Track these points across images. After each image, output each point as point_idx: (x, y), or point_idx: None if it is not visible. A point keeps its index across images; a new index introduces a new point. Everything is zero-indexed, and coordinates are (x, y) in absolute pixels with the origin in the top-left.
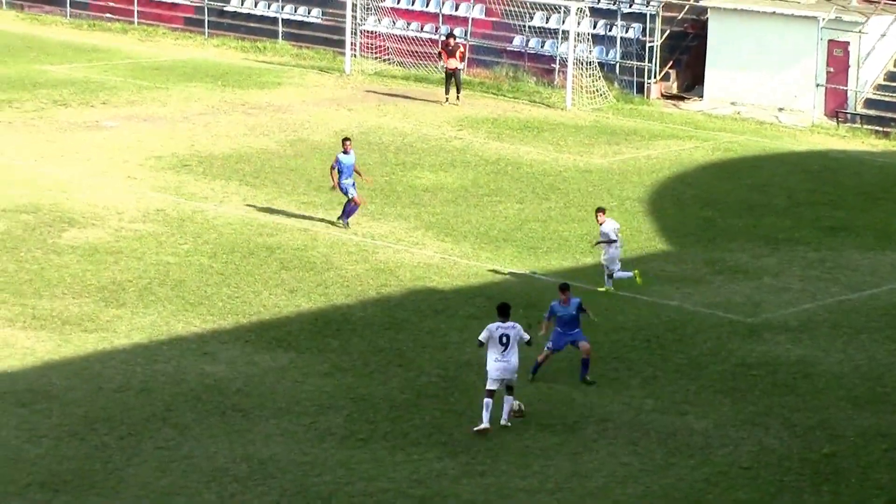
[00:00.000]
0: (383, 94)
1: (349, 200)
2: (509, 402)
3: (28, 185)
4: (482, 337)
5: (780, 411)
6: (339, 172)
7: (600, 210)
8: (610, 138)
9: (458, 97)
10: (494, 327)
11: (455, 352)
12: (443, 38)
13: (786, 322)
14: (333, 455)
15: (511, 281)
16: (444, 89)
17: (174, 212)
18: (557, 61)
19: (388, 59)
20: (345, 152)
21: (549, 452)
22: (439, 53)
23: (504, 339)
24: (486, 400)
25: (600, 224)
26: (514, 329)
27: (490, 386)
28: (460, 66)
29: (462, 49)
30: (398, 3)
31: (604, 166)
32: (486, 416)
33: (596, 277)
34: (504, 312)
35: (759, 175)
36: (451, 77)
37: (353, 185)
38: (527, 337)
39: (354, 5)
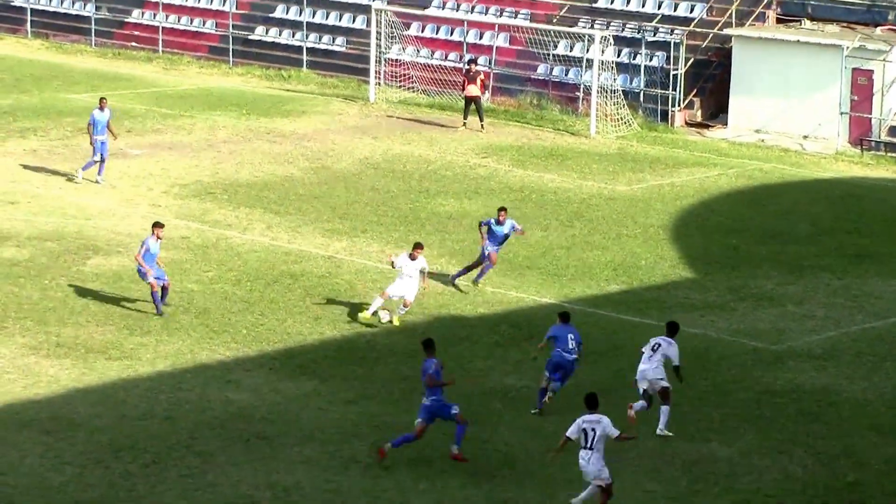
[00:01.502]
0: (408, 121)
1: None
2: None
3: (53, 212)
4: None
5: (805, 439)
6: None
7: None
8: (634, 166)
9: (481, 125)
10: (581, 420)
11: (480, 379)
12: (465, 65)
13: (810, 349)
14: (358, 483)
15: (535, 308)
16: (462, 115)
17: (198, 239)
18: (581, 89)
19: (413, 88)
20: (499, 222)
21: (574, 482)
22: (463, 81)
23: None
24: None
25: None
26: (601, 423)
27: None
28: (481, 94)
29: (483, 77)
30: (422, 31)
31: (628, 194)
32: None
33: (620, 305)
34: (591, 404)
35: (784, 202)
36: (471, 104)
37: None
38: (615, 432)
39: (379, 34)
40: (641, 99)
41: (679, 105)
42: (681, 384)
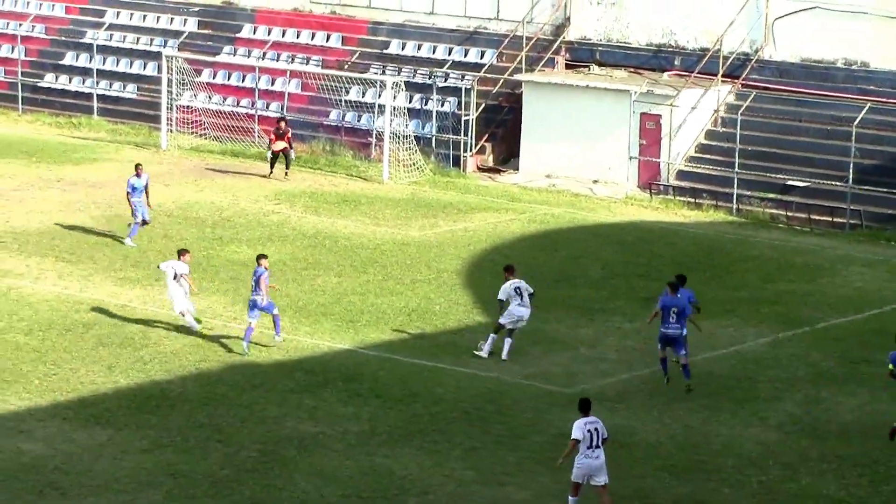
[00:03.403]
0: (200, 168)
1: None
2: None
3: None
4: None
5: None
6: None
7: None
8: (427, 211)
9: (286, 173)
10: (582, 423)
11: (274, 426)
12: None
13: (603, 392)
14: None
15: (329, 354)
16: (269, 167)
17: None
18: (374, 135)
19: (205, 134)
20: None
21: None
22: (271, 138)
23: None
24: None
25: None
26: (600, 424)
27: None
28: (289, 147)
29: (290, 133)
30: (214, 77)
31: (421, 239)
32: None
33: (415, 350)
34: (586, 408)
35: (575, 246)
36: (278, 157)
37: None
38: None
39: (170, 80)
40: (434, 144)
41: (471, 150)
42: None
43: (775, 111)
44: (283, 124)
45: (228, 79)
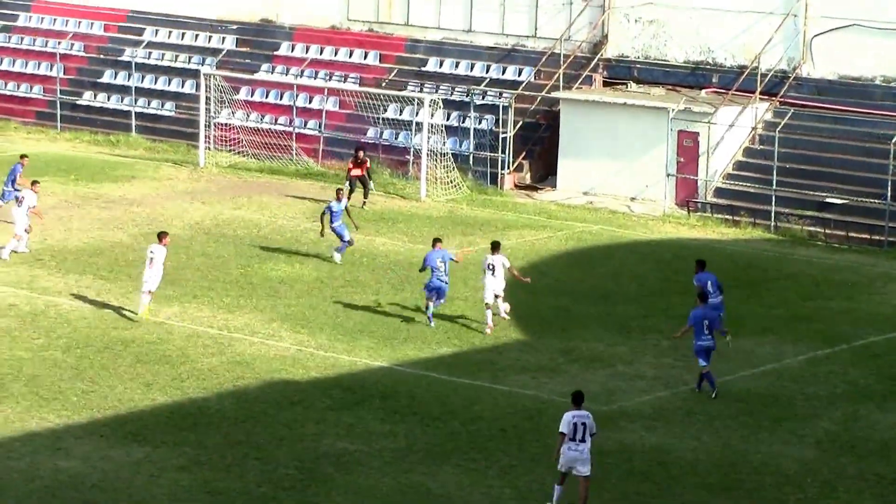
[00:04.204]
0: (238, 186)
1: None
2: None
3: None
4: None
5: (636, 498)
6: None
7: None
8: (464, 229)
9: (363, 202)
10: (570, 416)
11: (312, 443)
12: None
13: (640, 410)
14: None
15: (367, 372)
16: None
17: (27, 306)
18: (412, 153)
19: (243, 152)
20: (338, 200)
21: None
22: (349, 167)
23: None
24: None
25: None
26: (589, 418)
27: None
28: (367, 177)
29: (368, 163)
30: (251, 95)
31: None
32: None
33: (452, 367)
34: (578, 401)
35: (612, 264)
36: (356, 182)
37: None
38: (595, 429)
39: (208, 98)
40: (471, 162)
41: (508, 168)
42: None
43: (813, 128)
44: (361, 154)
45: (266, 96)
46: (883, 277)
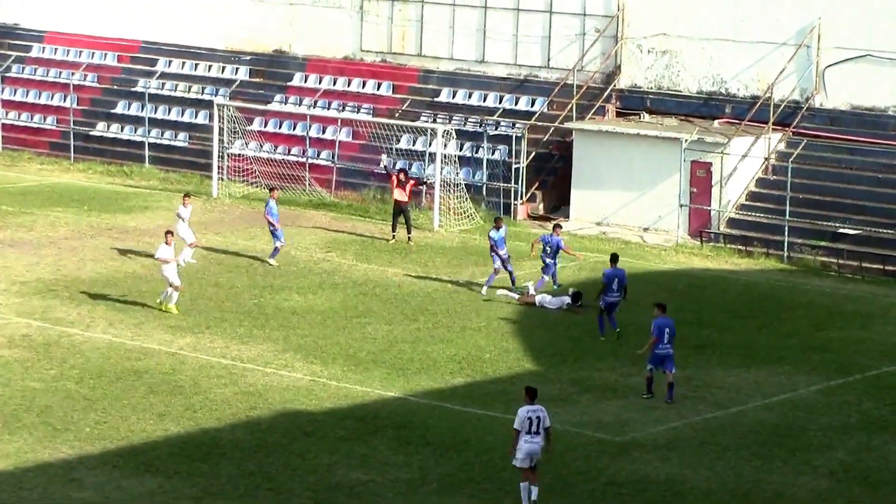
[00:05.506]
0: (251, 217)
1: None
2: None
3: None
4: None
5: None
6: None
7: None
8: (477, 259)
9: (409, 238)
10: (525, 411)
11: (325, 474)
12: (388, 170)
13: (654, 440)
14: None
15: (380, 402)
16: (391, 224)
17: (40, 337)
18: (425, 183)
19: (256, 183)
20: (496, 229)
21: None
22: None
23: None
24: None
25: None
26: (542, 412)
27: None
28: (408, 200)
29: (411, 185)
30: (265, 126)
31: (472, 287)
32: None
33: (466, 398)
34: (532, 395)
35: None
36: (400, 213)
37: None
38: (549, 423)
39: (221, 129)
40: (484, 192)
41: (521, 198)
42: None
43: (826, 159)
44: (402, 175)
45: (279, 127)
46: None
